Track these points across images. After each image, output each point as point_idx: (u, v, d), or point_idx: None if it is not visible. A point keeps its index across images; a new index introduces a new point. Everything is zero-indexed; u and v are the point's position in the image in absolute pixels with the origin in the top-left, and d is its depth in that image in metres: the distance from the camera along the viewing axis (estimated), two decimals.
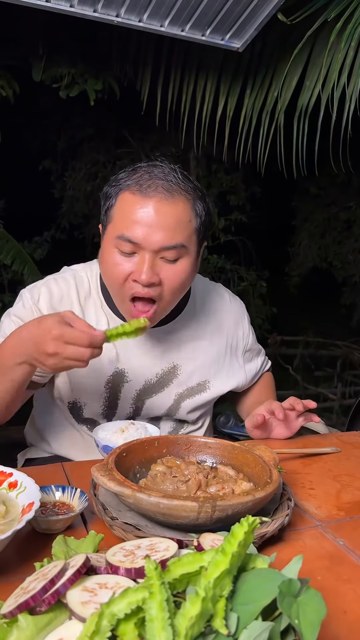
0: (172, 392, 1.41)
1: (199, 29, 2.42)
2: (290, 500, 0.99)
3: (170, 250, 1.17)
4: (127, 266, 1.18)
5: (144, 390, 1.38)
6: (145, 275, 1.15)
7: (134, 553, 0.65)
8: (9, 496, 0.87)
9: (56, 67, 3.41)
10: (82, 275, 1.38)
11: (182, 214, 1.18)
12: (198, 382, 1.44)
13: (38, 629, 0.56)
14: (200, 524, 0.82)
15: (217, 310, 1.50)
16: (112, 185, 1.24)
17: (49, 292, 1.32)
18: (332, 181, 5.93)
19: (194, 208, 1.21)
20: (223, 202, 5.44)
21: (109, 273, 1.22)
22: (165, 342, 1.39)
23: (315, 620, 0.55)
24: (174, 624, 0.52)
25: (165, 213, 1.16)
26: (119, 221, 1.19)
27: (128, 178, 1.20)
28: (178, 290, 1.23)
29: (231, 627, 0.55)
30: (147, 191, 1.16)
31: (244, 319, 1.57)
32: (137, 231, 1.15)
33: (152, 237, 1.15)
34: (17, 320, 1.31)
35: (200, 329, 1.45)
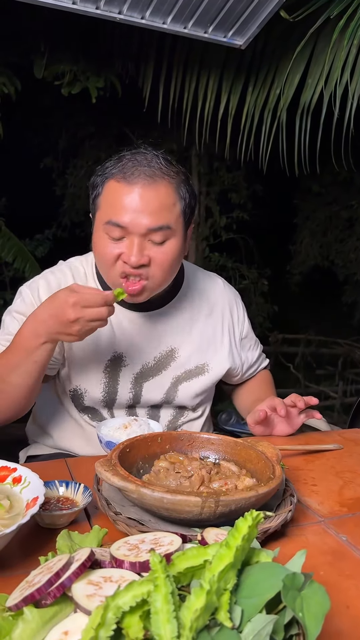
0: (169, 375, 1.43)
1: (201, 26, 2.42)
2: (293, 496, 0.99)
3: (157, 232, 1.22)
4: (117, 249, 1.23)
5: (142, 373, 1.41)
6: (135, 257, 1.21)
7: (138, 547, 0.66)
8: (13, 491, 0.87)
9: (58, 65, 3.40)
10: (78, 265, 1.44)
11: (165, 197, 1.22)
12: (196, 364, 1.46)
13: (43, 622, 0.56)
14: (204, 519, 0.83)
15: (211, 295, 1.54)
16: (98, 174, 1.29)
17: (47, 283, 1.37)
18: (334, 179, 5.92)
19: (177, 191, 1.25)
20: (225, 200, 5.43)
21: (101, 257, 1.27)
22: (162, 325, 1.43)
23: (319, 613, 0.56)
24: (179, 617, 0.52)
25: (149, 197, 1.21)
26: (107, 208, 1.24)
27: (114, 167, 1.25)
28: (167, 270, 1.27)
29: (235, 620, 0.55)
30: (130, 178, 1.21)
31: (238, 305, 1.60)
32: (123, 216, 1.20)
33: (138, 221, 1.20)
34: (19, 317, 1.34)
35: (195, 313, 1.48)
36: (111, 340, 1.37)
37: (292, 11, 2.54)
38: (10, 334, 1.32)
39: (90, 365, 1.37)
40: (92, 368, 1.37)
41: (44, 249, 5.02)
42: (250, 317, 1.66)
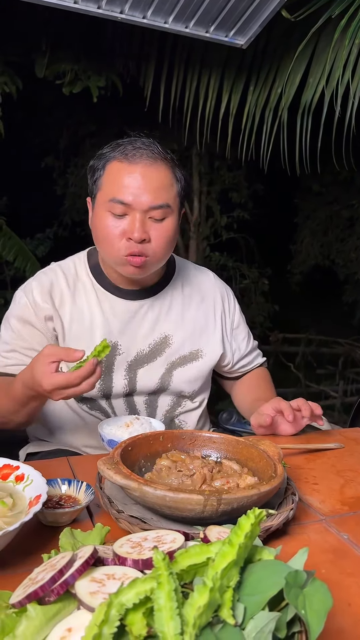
0: (164, 361, 1.47)
1: (202, 25, 2.42)
2: (294, 494, 0.99)
3: (157, 210, 1.30)
4: (120, 226, 1.30)
5: (136, 361, 1.44)
6: (137, 232, 1.27)
7: (141, 545, 0.66)
8: (15, 489, 0.88)
9: (59, 64, 3.40)
10: (69, 263, 1.49)
11: (164, 177, 1.31)
12: (190, 350, 1.50)
13: (47, 619, 0.57)
14: (206, 517, 0.83)
15: (202, 285, 1.59)
16: (97, 159, 1.36)
17: (40, 284, 1.42)
18: (334, 179, 5.91)
19: (174, 174, 1.34)
20: (225, 200, 5.43)
21: (103, 234, 1.32)
22: (155, 313, 1.47)
23: (322, 610, 0.56)
24: (182, 614, 0.52)
25: (151, 177, 1.29)
26: (110, 187, 1.30)
27: (112, 151, 1.33)
28: (166, 246, 1.34)
29: (238, 618, 0.55)
30: (133, 158, 1.29)
31: (229, 297, 1.64)
32: (127, 194, 1.28)
33: (141, 198, 1.28)
34: (15, 323, 1.41)
35: (187, 300, 1.53)
36: (105, 330, 1.42)
37: (293, 11, 2.54)
38: (7, 342, 1.41)
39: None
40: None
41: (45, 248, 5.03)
42: (251, 316, 1.68)
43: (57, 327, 1.40)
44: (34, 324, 1.40)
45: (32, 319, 1.39)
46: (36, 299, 1.39)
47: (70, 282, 1.44)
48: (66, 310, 1.40)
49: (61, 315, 1.40)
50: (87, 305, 1.42)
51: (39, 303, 1.39)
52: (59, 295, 1.41)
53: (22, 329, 1.40)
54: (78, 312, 1.41)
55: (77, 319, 1.41)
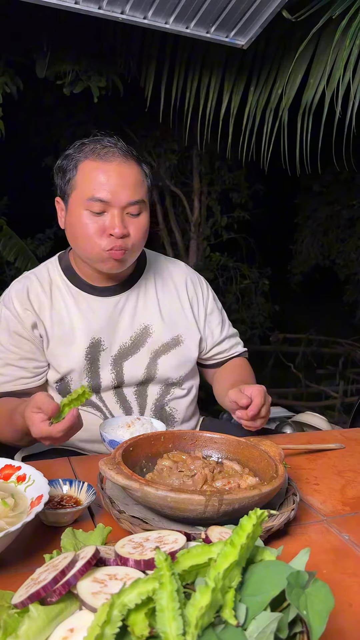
0: (147, 351, 1.50)
1: (203, 26, 2.42)
2: (295, 495, 0.99)
3: (134, 205, 1.35)
4: (99, 223, 1.33)
5: (120, 354, 1.47)
6: (118, 228, 1.31)
7: (143, 545, 0.66)
8: (17, 489, 0.88)
9: (60, 64, 3.39)
10: (41, 269, 1.52)
11: (137, 174, 1.36)
12: (171, 337, 1.53)
13: (49, 619, 0.57)
14: (207, 518, 0.83)
15: (174, 273, 1.62)
16: (65, 159, 1.39)
17: (16, 292, 1.45)
18: (335, 179, 5.91)
19: (142, 170, 1.39)
20: (226, 200, 5.43)
21: (83, 232, 1.34)
22: (132, 306, 1.50)
23: (323, 611, 0.56)
24: (184, 614, 0.52)
25: (126, 174, 1.33)
26: (85, 186, 1.33)
27: (80, 151, 1.37)
28: (141, 240, 1.40)
29: (240, 618, 0.55)
30: (106, 157, 1.33)
31: (202, 284, 1.66)
32: (104, 192, 1.31)
33: (119, 195, 1.32)
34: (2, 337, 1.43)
35: (160, 290, 1.57)
36: (87, 328, 1.44)
37: (294, 11, 2.54)
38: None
39: (71, 356, 1.43)
40: (74, 358, 1.43)
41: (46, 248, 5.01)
42: (251, 316, 1.67)
43: (42, 332, 1.43)
44: (22, 333, 1.42)
45: (19, 329, 1.41)
46: (17, 309, 1.42)
47: (45, 287, 1.46)
48: (46, 315, 1.43)
49: (42, 320, 1.43)
50: (65, 308, 1.45)
51: (20, 313, 1.41)
52: (37, 301, 1.43)
53: (10, 341, 1.42)
54: (57, 316, 1.44)
55: (57, 322, 1.43)
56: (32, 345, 1.43)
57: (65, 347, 1.43)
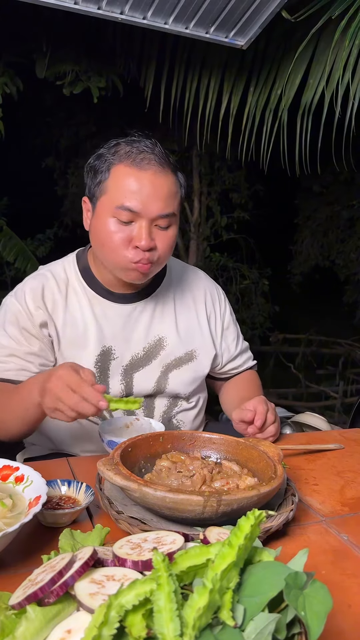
0: (159, 364, 1.46)
1: (203, 26, 2.42)
2: (294, 495, 0.99)
3: (164, 219, 1.28)
4: (126, 233, 1.27)
5: (131, 365, 1.43)
6: (145, 241, 1.26)
7: (141, 546, 0.66)
8: (15, 490, 0.88)
9: (60, 64, 3.39)
10: (58, 268, 1.46)
11: (172, 185, 1.30)
12: (185, 351, 1.49)
13: (47, 620, 0.57)
14: (206, 518, 0.83)
15: (193, 285, 1.58)
16: (98, 159, 1.32)
17: (31, 289, 1.39)
18: (335, 179, 5.91)
19: (178, 180, 1.33)
20: (226, 200, 5.43)
21: (108, 240, 1.29)
22: (148, 316, 1.46)
23: (322, 612, 0.56)
24: (181, 615, 0.52)
25: (160, 185, 1.27)
26: (116, 192, 1.27)
27: (115, 153, 1.29)
28: (168, 253, 1.34)
29: (238, 619, 0.55)
30: (141, 164, 1.26)
31: (220, 297, 1.63)
32: (135, 201, 1.25)
33: (150, 207, 1.25)
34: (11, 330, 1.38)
35: (178, 301, 1.52)
36: (99, 335, 1.40)
37: (293, 11, 2.54)
38: (4, 347, 1.37)
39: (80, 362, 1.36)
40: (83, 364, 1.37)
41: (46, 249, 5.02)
42: (251, 317, 1.67)
43: (52, 332, 1.39)
44: (30, 330, 1.37)
45: (28, 326, 1.37)
46: (29, 306, 1.37)
47: (61, 287, 1.41)
48: (59, 315, 1.39)
49: (55, 320, 1.38)
50: (79, 310, 1.40)
51: (32, 310, 1.37)
52: (51, 300, 1.39)
53: (20, 335, 1.37)
54: (71, 317, 1.39)
55: (70, 324, 1.39)
56: (41, 343, 1.38)
57: (76, 350, 1.39)
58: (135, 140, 1.30)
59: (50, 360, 1.40)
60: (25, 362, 1.37)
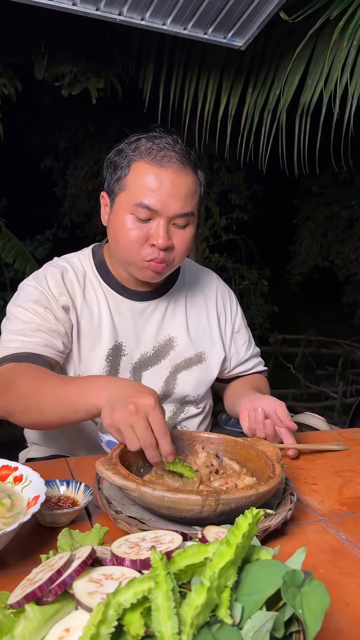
0: (168, 364, 1.45)
1: (201, 27, 2.42)
2: (293, 495, 0.99)
3: (182, 218, 1.27)
4: (143, 231, 1.26)
5: (140, 363, 1.43)
6: (162, 239, 1.24)
7: (139, 545, 0.66)
8: (14, 490, 0.88)
9: (58, 65, 3.40)
10: (75, 260, 1.45)
11: (192, 184, 1.28)
12: (195, 353, 1.49)
13: (45, 619, 0.57)
14: (204, 518, 0.83)
15: (206, 286, 1.58)
16: (119, 155, 1.30)
17: (52, 274, 1.38)
18: (334, 180, 5.92)
19: (198, 178, 1.31)
20: (225, 201, 5.43)
21: (125, 237, 1.28)
22: (160, 315, 1.45)
23: (319, 610, 0.56)
24: (179, 613, 0.52)
25: (180, 183, 1.25)
26: (136, 189, 1.25)
27: (135, 149, 1.27)
28: (184, 253, 1.33)
29: (236, 617, 0.55)
30: (162, 161, 1.24)
31: (232, 300, 1.62)
32: (154, 199, 1.23)
33: (169, 205, 1.24)
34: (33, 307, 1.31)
35: (190, 303, 1.52)
36: (111, 330, 1.39)
37: (291, 12, 2.55)
38: (28, 322, 1.30)
39: (93, 354, 1.38)
40: (96, 357, 1.38)
41: (45, 250, 5.02)
42: (250, 317, 1.66)
43: (73, 318, 1.35)
44: (55, 311, 1.32)
45: (53, 307, 1.32)
46: (52, 290, 1.34)
47: (79, 278, 1.40)
48: (78, 304, 1.37)
49: (75, 308, 1.36)
50: (96, 302, 1.39)
51: (55, 294, 1.34)
52: (72, 288, 1.37)
53: (45, 313, 1.32)
54: (87, 308, 1.38)
55: (86, 315, 1.37)
56: (63, 328, 1.33)
57: (91, 342, 1.37)
58: (157, 137, 1.28)
59: (67, 348, 1.35)
60: (53, 339, 1.30)
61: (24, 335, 1.28)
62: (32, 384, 1.15)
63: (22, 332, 1.29)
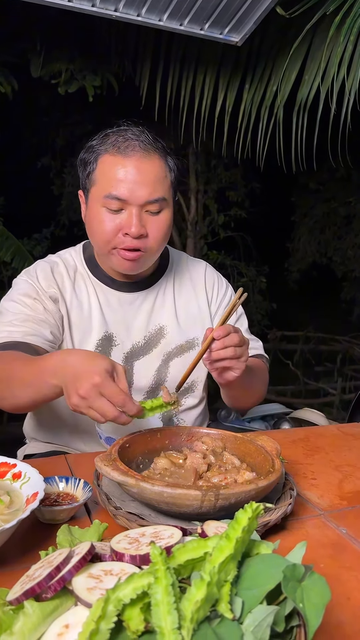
0: (159, 353, 1.46)
1: (197, 23, 2.41)
2: (292, 489, 0.99)
3: (154, 204, 1.27)
4: (116, 222, 1.27)
5: (132, 353, 1.44)
6: (135, 227, 1.25)
7: (139, 540, 0.66)
8: (13, 487, 0.88)
9: (54, 63, 3.39)
10: (66, 256, 1.49)
11: (159, 169, 1.28)
12: (186, 339, 1.49)
13: (44, 615, 0.56)
14: (204, 513, 0.83)
15: (195, 275, 1.58)
16: (87, 152, 1.33)
17: (42, 269, 1.42)
18: (331, 176, 5.92)
19: (167, 164, 1.31)
20: (222, 198, 5.43)
21: (99, 230, 1.29)
22: (149, 305, 1.47)
23: (320, 604, 0.56)
24: (179, 608, 0.52)
25: (146, 170, 1.26)
26: (104, 182, 1.27)
27: (102, 143, 1.30)
28: (162, 240, 1.33)
29: (236, 611, 0.55)
30: (125, 151, 1.26)
31: (222, 285, 1.61)
32: (122, 189, 1.25)
33: (137, 193, 1.25)
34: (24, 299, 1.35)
35: (178, 291, 1.53)
36: (101, 321, 1.41)
37: (288, 8, 2.54)
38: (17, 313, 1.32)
39: (84, 346, 1.40)
40: (86, 348, 1.40)
41: (42, 248, 5.01)
42: (249, 314, 1.64)
43: (62, 309, 1.39)
44: (44, 303, 1.35)
45: (42, 298, 1.36)
46: (41, 283, 1.38)
47: (70, 272, 1.44)
48: (67, 297, 1.40)
49: (65, 300, 1.40)
50: (86, 295, 1.42)
51: (44, 286, 1.37)
52: (61, 281, 1.41)
53: (34, 303, 1.35)
54: (77, 301, 1.41)
55: (76, 307, 1.40)
56: (54, 318, 1.35)
57: (81, 334, 1.40)
58: (122, 130, 1.30)
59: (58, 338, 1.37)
60: (42, 329, 1.32)
61: (12, 326, 1.30)
62: (4, 369, 1.18)
63: (11, 323, 1.31)
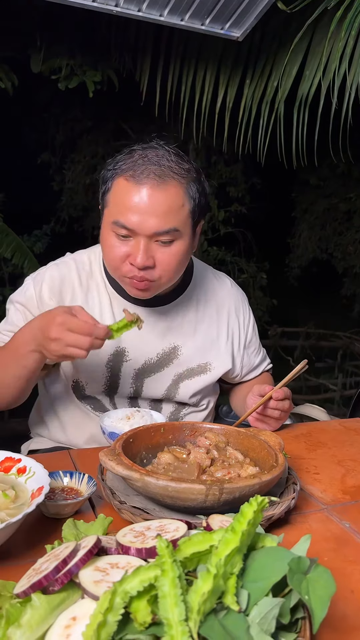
0: (171, 372, 1.43)
1: (198, 18, 2.41)
2: (296, 484, 1.00)
3: (164, 235, 1.21)
4: (124, 248, 1.22)
5: (143, 369, 1.40)
6: (140, 259, 1.20)
7: (144, 534, 0.66)
8: (18, 481, 0.88)
9: (55, 59, 3.38)
10: (84, 258, 1.43)
11: (174, 199, 1.20)
12: (199, 363, 1.45)
13: (51, 608, 0.57)
14: (208, 507, 0.83)
15: (218, 294, 1.52)
16: (108, 169, 1.26)
17: (51, 277, 1.37)
18: (332, 172, 5.90)
19: (187, 191, 1.22)
20: (223, 194, 5.42)
21: (108, 255, 1.27)
22: (166, 322, 1.42)
23: (325, 596, 0.56)
24: (186, 600, 0.53)
25: (157, 199, 1.18)
26: (114, 207, 1.23)
27: (124, 162, 1.22)
28: (172, 271, 1.26)
29: (242, 604, 0.56)
30: (139, 177, 1.18)
31: (245, 308, 1.58)
32: (130, 218, 1.19)
33: (146, 224, 1.18)
34: (20, 308, 1.37)
35: (200, 312, 1.47)
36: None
37: (289, 2, 2.53)
38: (13, 324, 1.35)
39: (92, 359, 1.36)
40: (95, 361, 1.36)
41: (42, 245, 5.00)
42: None
43: None
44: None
45: (35, 313, 1.33)
46: (43, 295, 1.34)
47: (83, 279, 1.38)
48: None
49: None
50: (98, 306, 1.38)
51: (44, 299, 1.34)
52: (71, 292, 1.36)
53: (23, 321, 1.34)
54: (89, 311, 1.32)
55: None
56: None
57: None
58: (148, 148, 1.22)
59: None
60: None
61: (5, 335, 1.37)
62: None
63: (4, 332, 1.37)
